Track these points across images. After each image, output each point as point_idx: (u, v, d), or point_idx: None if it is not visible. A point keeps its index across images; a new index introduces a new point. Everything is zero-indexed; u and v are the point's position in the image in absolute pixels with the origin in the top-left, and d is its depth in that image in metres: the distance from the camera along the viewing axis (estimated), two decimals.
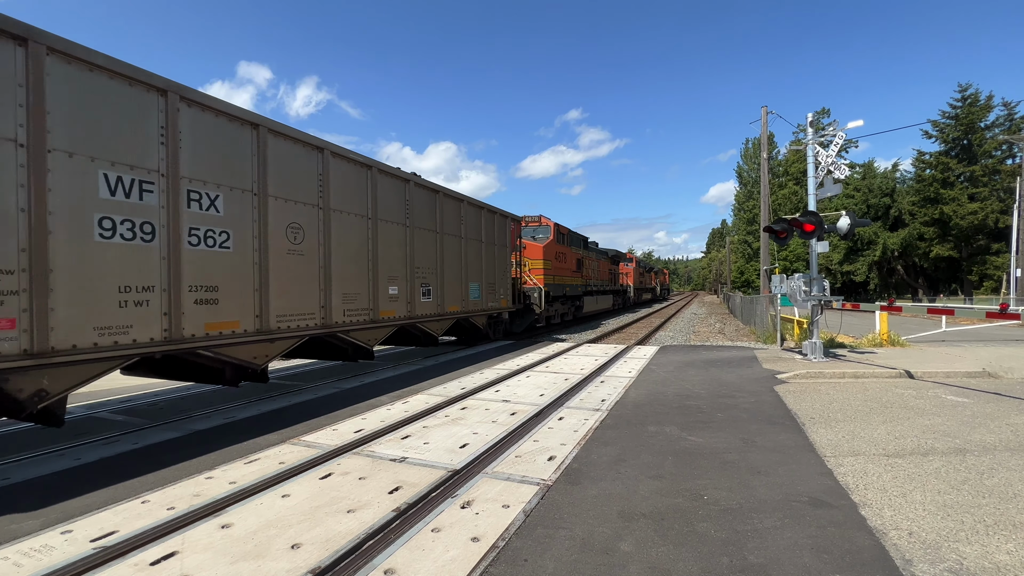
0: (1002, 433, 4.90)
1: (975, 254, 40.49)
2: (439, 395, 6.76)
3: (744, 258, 57.88)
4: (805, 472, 3.92)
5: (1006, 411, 5.74)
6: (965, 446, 4.53)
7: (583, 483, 3.73)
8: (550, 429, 5.11)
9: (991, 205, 38.34)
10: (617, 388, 7.14)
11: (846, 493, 3.52)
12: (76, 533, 2.99)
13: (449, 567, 2.60)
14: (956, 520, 3.12)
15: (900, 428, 5.10)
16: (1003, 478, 3.78)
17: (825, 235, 9.55)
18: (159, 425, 5.53)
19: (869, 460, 4.19)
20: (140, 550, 2.78)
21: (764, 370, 8.44)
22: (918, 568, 2.59)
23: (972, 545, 2.82)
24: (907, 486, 3.64)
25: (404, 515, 3.18)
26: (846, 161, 9.88)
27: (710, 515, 3.20)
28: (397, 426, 5.23)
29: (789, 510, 3.26)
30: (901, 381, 7.56)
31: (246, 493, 3.52)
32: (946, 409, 5.86)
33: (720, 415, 5.65)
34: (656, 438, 4.83)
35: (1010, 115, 39.74)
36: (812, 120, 10.27)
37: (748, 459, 4.22)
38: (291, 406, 6.35)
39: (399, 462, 4.15)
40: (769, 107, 19.86)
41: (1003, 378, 7.68)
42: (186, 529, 3.01)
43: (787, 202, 46.24)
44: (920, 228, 42.51)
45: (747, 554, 2.74)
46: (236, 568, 2.60)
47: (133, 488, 3.72)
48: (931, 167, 42.50)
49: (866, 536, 2.92)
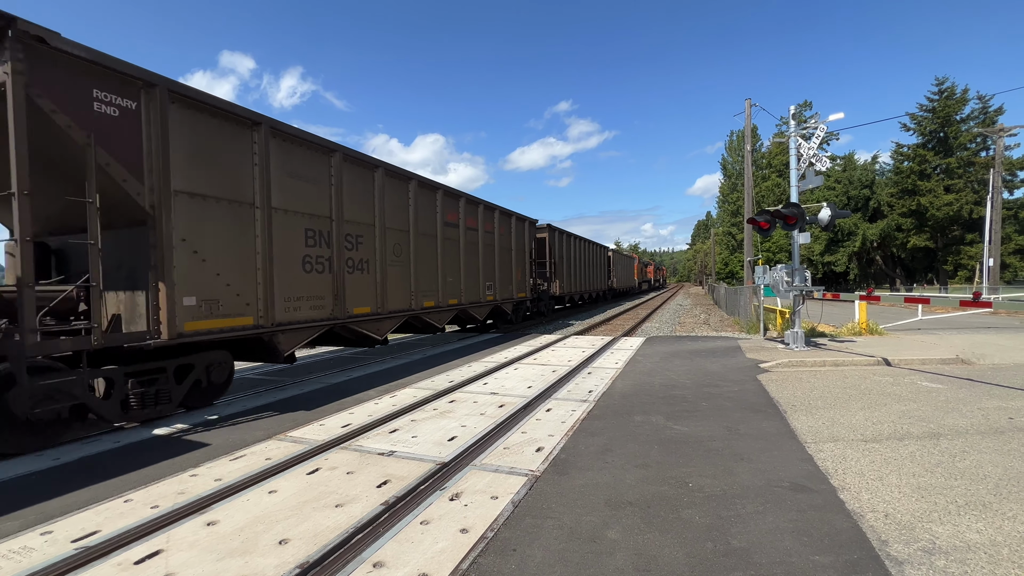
0: (973, 417, 5.07)
1: (950, 244, 41.64)
2: (427, 388, 6.75)
3: (728, 249, 58.65)
4: (787, 458, 4.02)
5: (977, 396, 5.94)
6: (939, 430, 4.69)
7: (571, 473, 3.77)
8: (538, 421, 5.15)
9: (966, 197, 39.40)
10: (604, 379, 7.21)
11: (826, 478, 3.62)
12: (56, 534, 2.93)
13: (438, 559, 2.62)
14: (930, 501, 3.23)
15: (878, 414, 5.25)
16: (974, 460, 3.92)
17: (807, 226, 9.72)
18: (142, 424, 5.43)
19: (848, 445, 4.31)
20: (123, 549, 2.74)
21: (748, 359, 8.59)
22: (893, 548, 2.68)
23: (944, 525, 2.93)
24: (884, 470, 3.76)
25: (393, 508, 3.19)
26: (827, 153, 10.03)
27: (695, 502, 3.27)
28: (385, 420, 5.22)
29: (771, 495, 3.34)
30: (879, 368, 7.77)
31: (232, 490, 3.49)
32: (921, 395, 6.04)
33: (705, 404, 5.75)
34: (642, 428, 4.89)
35: (984, 108, 40.74)
36: (794, 112, 10.39)
37: (732, 446, 4.31)
38: (277, 401, 6.29)
39: (387, 456, 4.15)
40: (753, 100, 20.07)
41: (975, 364, 7.94)
42: (171, 527, 2.98)
43: (770, 194, 46.88)
44: (898, 219, 43.52)
45: (730, 539, 2.80)
46: (222, 565, 2.58)
47: (115, 487, 3.66)
48: (909, 159, 43.47)
49: (844, 519, 3.01)
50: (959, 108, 41.22)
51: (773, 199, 45.36)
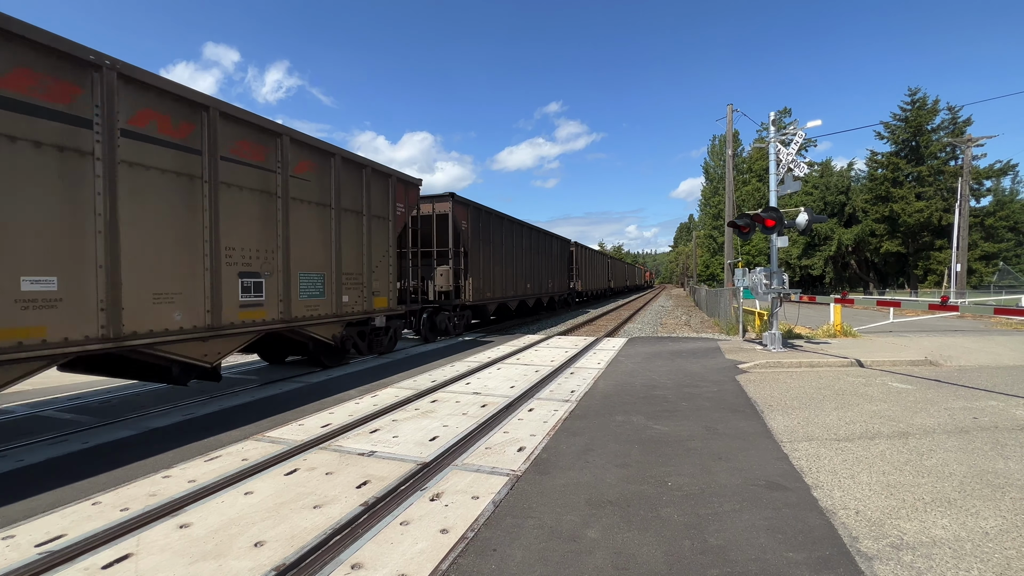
0: (940, 417, 5.25)
1: (920, 250, 43.03)
2: (409, 388, 6.70)
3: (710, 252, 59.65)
4: (763, 457, 4.10)
5: (944, 396, 6.15)
6: (908, 430, 4.84)
7: (552, 473, 3.78)
8: (520, 420, 5.15)
9: (935, 204, 40.78)
10: (586, 379, 7.26)
11: (800, 476, 3.71)
12: (19, 538, 2.82)
13: (417, 559, 2.60)
14: (898, 499, 3.33)
15: (850, 414, 5.40)
16: (940, 458, 4.06)
17: (785, 230, 9.94)
18: (112, 423, 5.28)
19: (822, 444, 4.42)
20: (91, 553, 2.65)
21: (727, 360, 8.74)
22: (863, 544, 2.76)
23: (912, 521, 3.02)
24: (855, 468, 3.86)
25: (372, 509, 3.15)
26: (806, 159, 10.29)
27: (673, 500, 3.31)
28: (366, 420, 5.16)
29: (748, 494, 3.40)
30: (852, 369, 7.99)
31: (206, 491, 3.41)
32: (892, 395, 6.23)
33: (685, 404, 5.83)
34: (623, 427, 4.94)
35: (954, 119, 42.23)
36: (774, 119, 10.61)
37: (710, 446, 4.38)
38: (255, 401, 6.17)
39: (367, 456, 4.10)
40: (736, 106, 20.41)
41: (943, 366, 8.23)
42: (141, 530, 2.89)
43: (750, 198, 47.81)
44: (872, 225, 44.81)
45: (707, 537, 2.85)
46: (195, 568, 2.52)
47: (83, 489, 3.54)
48: (883, 167, 44.78)
49: (817, 516, 3.08)
50: (930, 118, 42.64)
51: (753, 203, 46.27)
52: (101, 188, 4.73)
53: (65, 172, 4.51)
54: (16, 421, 5.42)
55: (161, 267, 5.34)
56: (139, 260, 5.10)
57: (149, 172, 5.25)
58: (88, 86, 4.70)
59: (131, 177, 5.05)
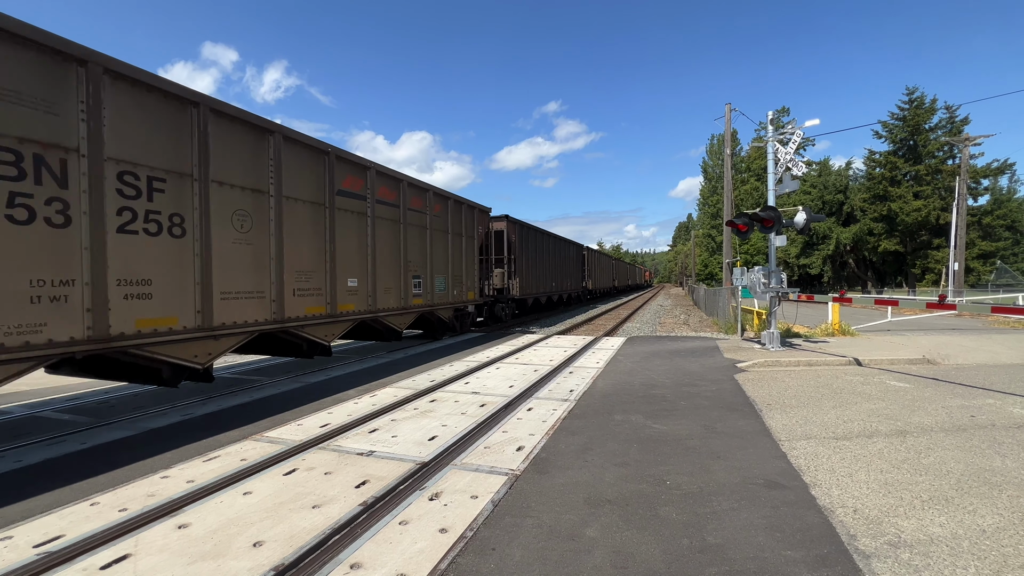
0: (938, 415, 5.27)
1: (918, 249, 43.11)
2: (408, 388, 6.70)
3: (708, 251, 59.67)
4: (761, 456, 4.11)
5: (942, 395, 6.17)
6: (905, 428, 4.85)
7: (551, 472, 3.79)
8: (519, 420, 5.15)
9: (933, 203, 40.84)
10: (585, 379, 7.26)
11: (798, 475, 3.71)
12: (17, 539, 2.82)
13: (416, 559, 2.60)
14: (896, 497, 3.34)
15: (848, 412, 5.41)
16: (938, 457, 4.07)
17: (783, 230, 9.96)
18: (110, 424, 5.27)
19: (820, 443, 4.43)
20: (89, 554, 2.65)
21: (725, 359, 8.76)
22: (861, 542, 2.77)
23: (909, 520, 3.03)
24: (853, 466, 3.87)
25: (371, 509, 3.15)
26: (804, 159, 10.31)
27: (672, 499, 3.31)
28: (365, 420, 5.16)
29: (746, 492, 3.41)
30: (850, 368, 8.00)
31: (205, 492, 3.41)
32: (890, 394, 6.25)
33: (683, 403, 5.84)
34: (622, 427, 4.95)
35: (951, 118, 42.29)
36: (772, 118, 10.62)
37: (709, 445, 4.39)
38: (253, 401, 6.17)
39: (366, 456, 4.10)
40: (734, 105, 20.43)
41: (940, 364, 8.25)
42: (140, 531, 2.89)
43: (749, 197, 47.85)
44: (870, 224, 44.87)
45: (706, 535, 2.85)
46: (194, 569, 2.52)
47: (81, 490, 3.53)
48: (880, 166, 44.82)
49: (815, 514, 3.09)
50: (928, 117, 42.68)
51: (752, 202, 46.31)
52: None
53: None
54: (14, 422, 5.41)
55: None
56: (382, 271, 9.56)
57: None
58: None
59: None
